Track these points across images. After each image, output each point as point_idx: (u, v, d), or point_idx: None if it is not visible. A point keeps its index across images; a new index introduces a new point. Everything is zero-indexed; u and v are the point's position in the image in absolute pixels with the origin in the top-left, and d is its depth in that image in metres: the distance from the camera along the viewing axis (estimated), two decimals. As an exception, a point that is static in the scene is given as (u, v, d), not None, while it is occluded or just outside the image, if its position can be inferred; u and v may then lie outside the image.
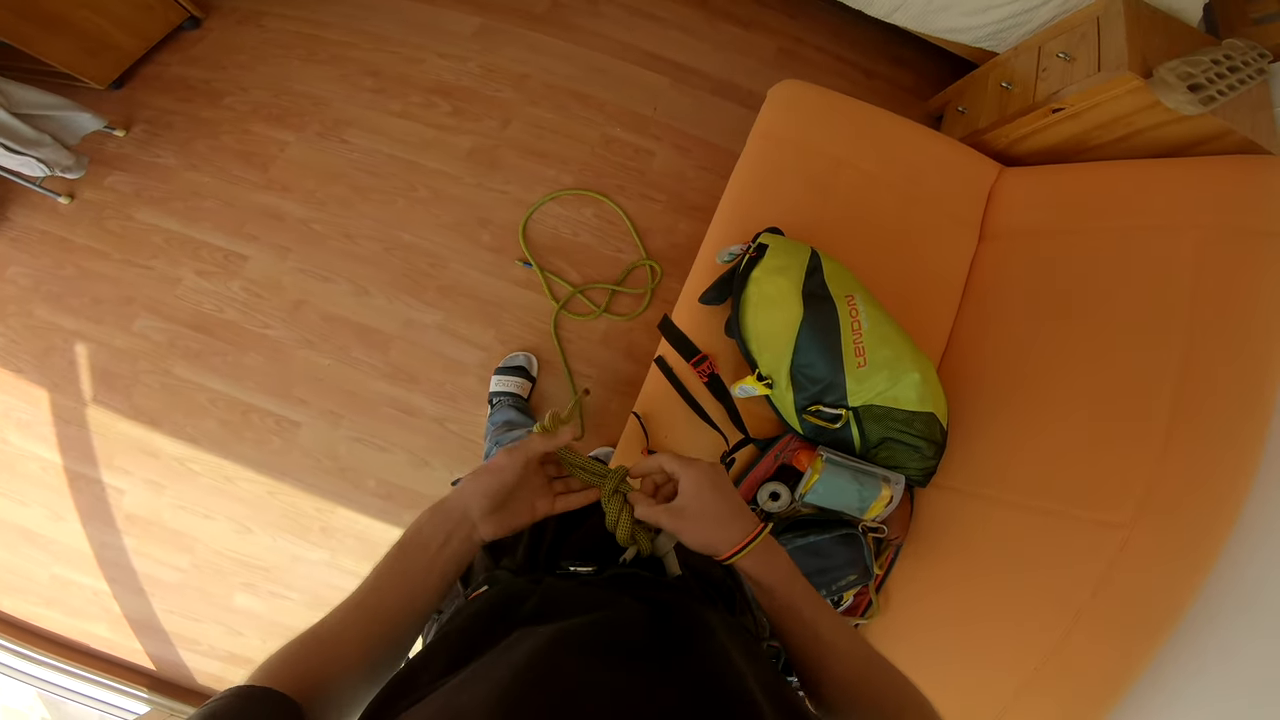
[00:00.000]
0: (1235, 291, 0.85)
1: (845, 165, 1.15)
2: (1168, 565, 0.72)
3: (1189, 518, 0.73)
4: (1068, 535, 0.81)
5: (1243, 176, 0.95)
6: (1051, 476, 0.87)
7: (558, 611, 0.34)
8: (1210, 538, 0.71)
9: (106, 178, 1.59)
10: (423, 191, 1.52)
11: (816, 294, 0.93)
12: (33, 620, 1.39)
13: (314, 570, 1.35)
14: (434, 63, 1.63)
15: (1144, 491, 0.77)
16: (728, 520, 0.42)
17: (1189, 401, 0.79)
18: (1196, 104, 0.98)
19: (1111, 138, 1.16)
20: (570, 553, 0.46)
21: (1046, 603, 0.78)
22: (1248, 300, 0.84)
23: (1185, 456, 0.77)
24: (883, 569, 0.98)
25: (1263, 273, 0.85)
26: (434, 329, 1.42)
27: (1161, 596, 0.71)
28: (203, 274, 1.48)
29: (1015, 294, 1.08)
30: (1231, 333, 0.82)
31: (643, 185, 1.56)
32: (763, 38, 1.71)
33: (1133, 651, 0.70)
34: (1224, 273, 0.87)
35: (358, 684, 0.36)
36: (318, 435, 1.38)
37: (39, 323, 1.47)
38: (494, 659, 0.29)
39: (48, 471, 1.41)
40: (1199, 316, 0.85)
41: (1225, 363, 0.80)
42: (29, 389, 1.44)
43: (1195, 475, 0.75)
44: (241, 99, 1.64)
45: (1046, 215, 1.12)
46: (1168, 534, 0.73)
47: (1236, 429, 0.76)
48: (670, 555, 0.46)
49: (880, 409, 0.92)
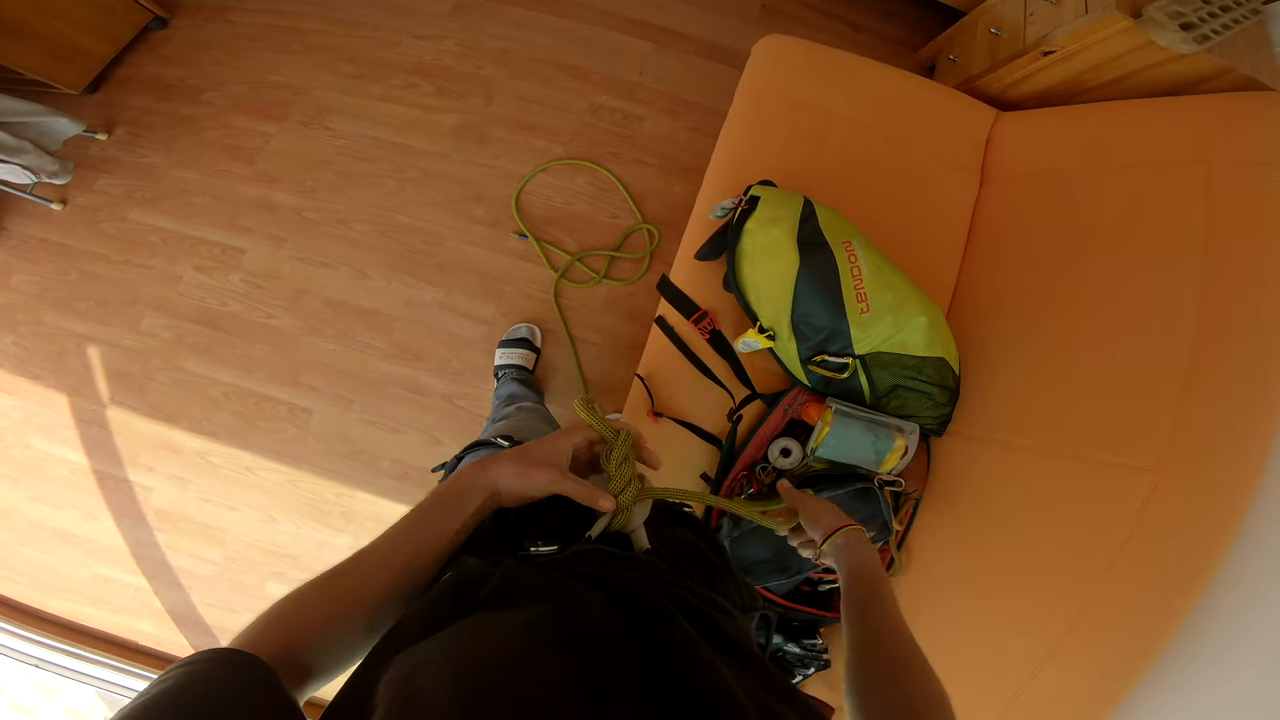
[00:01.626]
0: (1249, 223, 0.82)
1: (836, 117, 1.13)
2: (1200, 509, 0.69)
3: (1219, 458, 0.70)
4: (1092, 481, 0.78)
5: (1247, 111, 0.92)
6: (1071, 420, 0.84)
7: (515, 595, 0.34)
8: (1243, 478, 0.68)
9: (96, 181, 1.59)
10: (412, 172, 1.52)
11: (812, 241, 0.92)
12: (81, 620, 1.45)
13: (339, 555, 1.32)
14: (411, 44, 1.60)
15: (1170, 432, 0.73)
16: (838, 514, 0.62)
17: (1210, 337, 0.76)
18: (1190, 42, 0.95)
19: (1108, 79, 1.14)
20: (533, 533, 0.45)
21: (1074, 556, 0.76)
22: (1263, 232, 0.81)
23: (1211, 394, 0.73)
24: (902, 524, 0.95)
25: (1273, 203, 0.81)
26: (435, 306, 1.44)
27: (1196, 543, 0.68)
28: (202, 269, 1.49)
29: (1022, 236, 1.05)
30: (1249, 266, 0.79)
31: (635, 150, 1.54)
32: None
33: (1171, 603, 0.67)
34: (1236, 205, 0.84)
35: (356, 633, 0.37)
36: (330, 420, 1.40)
37: (49, 329, 1.50)
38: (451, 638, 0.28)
39: (75, 473, 1.45)
40: (1214, 249, 0.82)
41: (1244, 295, 0.78)
42: (48, 394, 1.47)
43: (1222, 414, 0.72)
44: (220, 94, 1.63)
45: (1049, 157, 1.09)
46: (1198, 476, 0.70)
47: (1262, 361, 0.72)
48: (639, 530, 0.45)
49: (888, 355, 0.90)
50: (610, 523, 0.45)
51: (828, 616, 0.95)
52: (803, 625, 0.97)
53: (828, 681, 0.97)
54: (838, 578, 0.56)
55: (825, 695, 0.96)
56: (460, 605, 0.33)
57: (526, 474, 0.44)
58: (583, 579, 0.36)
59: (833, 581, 0.96)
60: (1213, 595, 0.66)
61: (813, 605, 0.95)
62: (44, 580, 1.45)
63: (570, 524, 0.45)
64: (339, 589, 0.38)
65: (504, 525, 0.45)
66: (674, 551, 0.48)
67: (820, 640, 0.95)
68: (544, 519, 0.46)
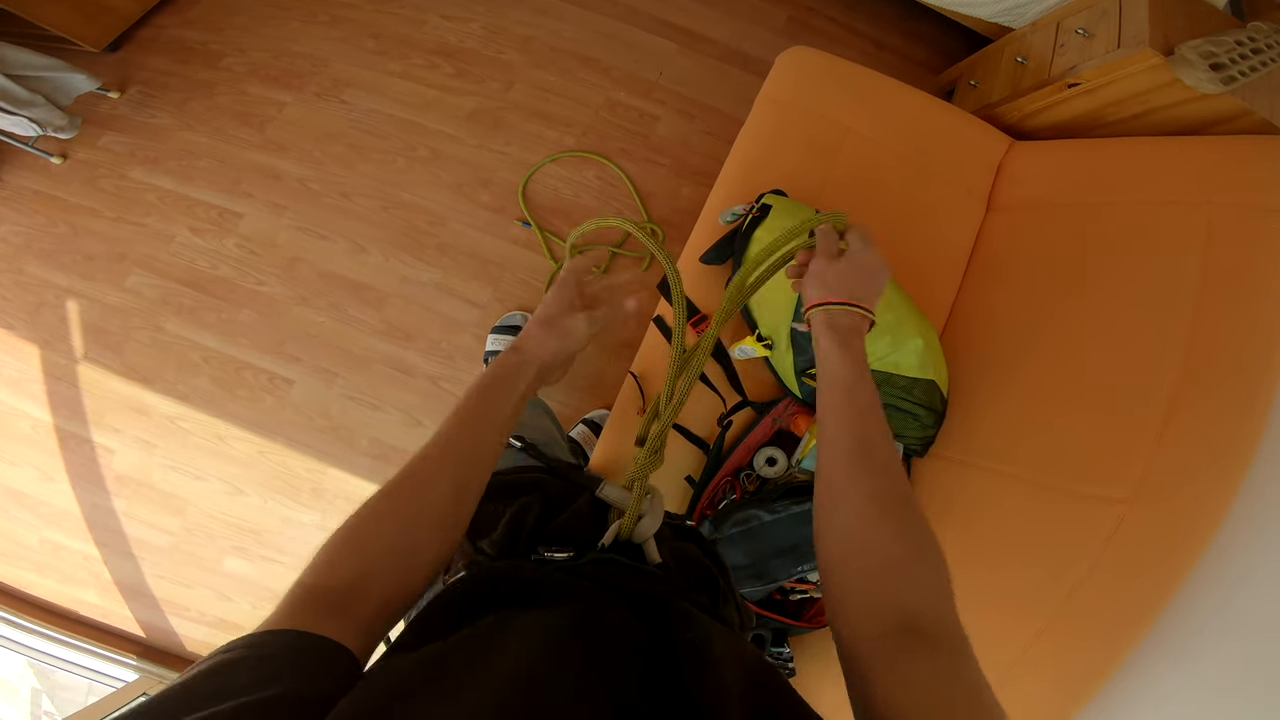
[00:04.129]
0: (1246, 269, 0.83)
1: (852, 132, 1.13)
2: (1162, 545, 0.70)
3: (1186, 497, 0.71)
4: (1064, 510, 0.79)
5: (1259, 155, 0.92)
6: (1050, 448, 0.85)
7: (536, 595, 0.34)
8: (1206, 519, 0.70)
9: (100, 138, 1.56)
10: (423, 151, 1.50)
11: None
12: (23, 587, 1.37)
13: (304, 533, 1.32)
14: (437, 24, 1.60)
15: (1144, 468, 0.75)
16: (872, 287, 0.53)
17: (1192, 379, 0.78)
18: (1218, 82, 0.96)
19: (1126, 115, 1.14)
20: (549, 538, 0.44)
21: (1038, 581, 0.77)
22: (1258, 279, 0.81)
23: (1187, 435, 0.75)
24: None
25: (1274, 249, 0.82)
26: (431, 287, 1.40)
27: (1155, 577, 0.69)
28: (197, 231, 1.45)
29: (1022, 266, 1.06)
30: (1239, 313, 0.80)
31: (646, 149, 1.53)
32: (774, 6, 1.68)
33: (1126, 627, 0.68)
34: (1235, 250, 0.85)
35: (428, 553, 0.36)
36: (310, 393, 1.35)
37: (30, 279, 1.45)
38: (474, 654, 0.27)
39: (38, 430, 1.39)
40: (1207, 294, 0.83)
41: (1231, 344, 0.78)
42: (20, 345, 1.41)
43: (1193, 458, 0.73)
44: (239, 60, 1.62)
45: (1056, 189, 1.10)
46: (1164, 513, 0.72)
47: (1239, 407, 0.74)
48: (650, 542, 0.45)
49: (880, 374, 0.90)
50: (620, 530, 0.45)
51: (796, 625, 0.93)
52: (771, 635, 0.95)
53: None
54: (810, 588, 0.53)
55: None
56: (480, 602, 0.33)
57: (560, 330, 0.46)
58: (602, 584, 0.36)
59: (804, 591, 0.93)
60: (1162, 626, 0.68)
61: (783, 614, 0.94)
62: None
63: (582, 536, 0.46)
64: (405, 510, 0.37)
65: (520, 531, 0.45)
66: (682, 567, 0.47)
67: (788, 649, 0.93)
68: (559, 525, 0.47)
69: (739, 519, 0.88)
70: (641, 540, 0.45)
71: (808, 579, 0.90)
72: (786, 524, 0.86)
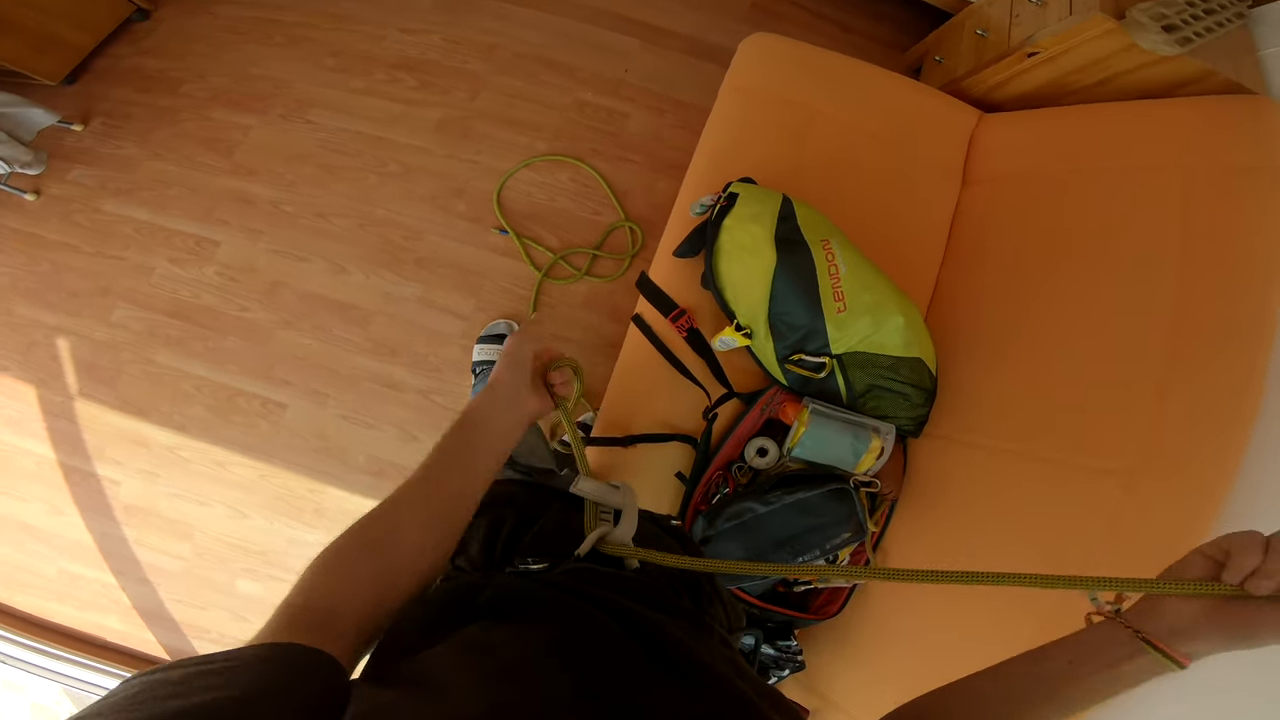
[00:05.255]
0: (1227, 230, 0.82)
1: (820, 115, 1.13)
2: (1172, 514, 0.68)
3: (1192, 463, 0.70)
4: (1067, 484, 0.77)
5: (1227, 115, 0.93)
6: (1047, 422, 0.84)
7: (513, 607, 0.34)
8: (1217, 484, 0.68)
9: (70, 172, 1.56)
10: (393, 166, 1.50)
11: (790, 239, 0.91)
12: (47, 616, 1.41)
13: (311, 552, 1.30)
14: (396, 38, 1.59)
15: (1145, 437, 0.73)
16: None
17: (1185, 345, 0.77)
18: (1173, 44, 0.96)
19: (1090, 81, 1.14)
20: (525, 549, 0.45)
21: (1045, 558, 0.75)
22: (1239, 236, 0.81)
23: (1184, 399, 0.73)
24: (878, 525, 0.95)
25: (1251, 207, 0.82)
26: (413, 302, 1.42)
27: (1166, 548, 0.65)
28: (176, 261, 1.47)
29: (1002, 238, 1.05)
30: (1226, 270, 0.79)
31: (618, 147, 1.54)
32: None
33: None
34: (1213, 211, 0.85)
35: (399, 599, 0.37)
36: (304, 415, 1.38)
37: (19, 320, 1.47)
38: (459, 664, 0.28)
39: (42, 466, 1.42)
40: (1191, 255, 0.82)
41: (1220, 300, 0.78)
42: (15, 385, 1.44)
43: (1195, 419, 0.72)
44: (200, 86, 1.61)
45: (1030, 159, 1.10)
46: (1171, 481, 0.69)
47: (1236, 374, 0.72)
48: (628, 547, 0.46)
49: (864, 355, 0.90)
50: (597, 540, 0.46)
51: (803, 618, 0.93)
52: (778, 627, 0.95)
53: (802, 683, 0.96)
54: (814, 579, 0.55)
55: (800, 697, 0.96)
56: (458, 613, 0.34)
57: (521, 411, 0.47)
58: (576, 595, 0.36)
59: (807, 582, 0.94)
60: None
61: (788, 606, 0.94)
62: (9, 576, 1.42)
63: (560, 543, 0.46)
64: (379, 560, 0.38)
65: (495, 541, 0.46)
66: (663, 571, 0.47)
67: (795, 642, 0.94)
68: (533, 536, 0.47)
69: (733, 513, 0.88)
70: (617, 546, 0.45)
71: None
72: (782, 514, 0.86)
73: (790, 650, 0.93)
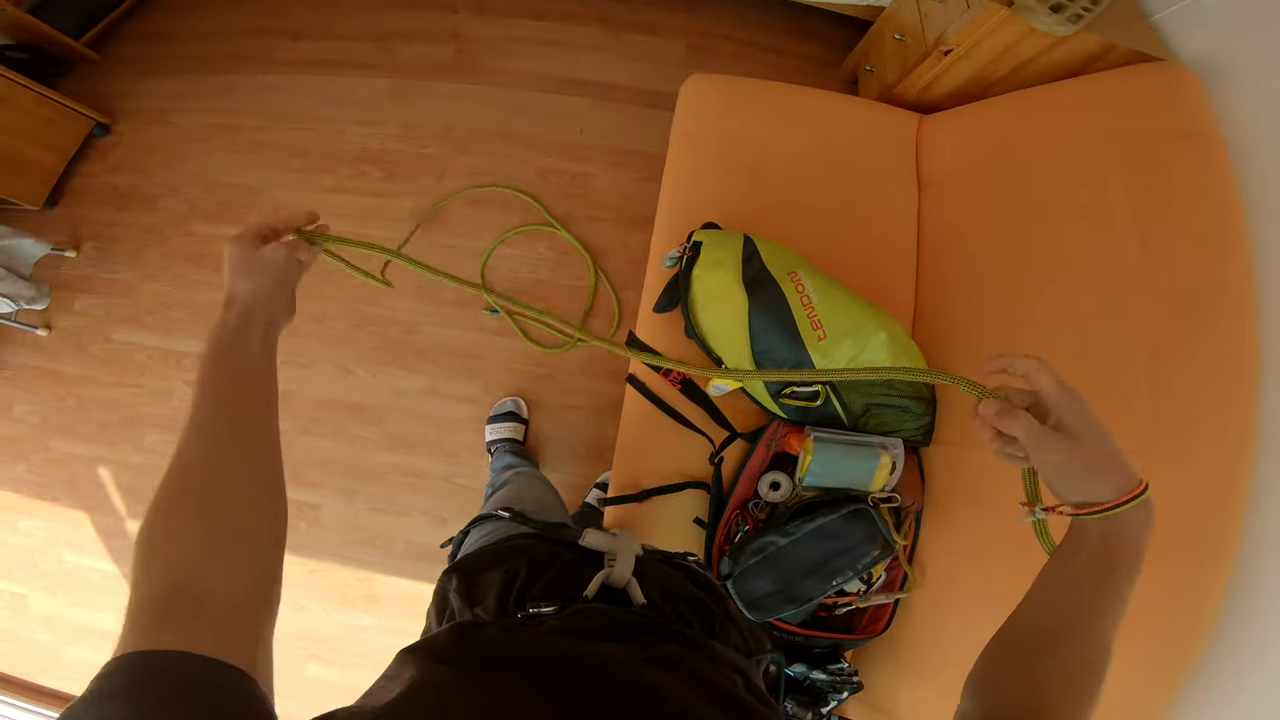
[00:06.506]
0: (1174, 192, 0.85)
1: (769, 147, 1.14)
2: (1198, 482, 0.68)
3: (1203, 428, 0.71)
4: None
5: (1143, 84, 0.96)
6: None
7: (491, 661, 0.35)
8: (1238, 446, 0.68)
9: (74, 302, 1.64)
10: (376, 262, 1.57)
11: (758, 278, 0.93)
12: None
13: (368, 635, 1.47)
14: (354, 132, 1.62)
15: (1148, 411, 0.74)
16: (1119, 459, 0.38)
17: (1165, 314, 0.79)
18: (1065, 23, 1.00)
19: (1006, 70, 1.18)
20: (537, 596, 0.47)
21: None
22: (1189, 199, 0.84)
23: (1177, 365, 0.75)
24: (908, 538, 0.95)
25: (1190, 169, 0.85)
26: (421, 394, 1.51)
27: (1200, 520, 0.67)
28: (191, 383, 1.54)
29: (969, 236, 1.07)
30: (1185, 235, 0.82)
31: (588, 208, 1.59)
32: (670, 39, 1.68)
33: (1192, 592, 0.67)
34: (1155, 176, 0.87)
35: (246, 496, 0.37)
36: (338, 512, 1.50)
37: (57, 455, 1.57)
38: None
39: (108, 580, 1.55)
40: (1147, 226, 0.84)
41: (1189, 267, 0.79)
42: (69, 513, 1.56)
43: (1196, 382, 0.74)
44: (176, 199, 1.65)
45: (974, 154, 1.12)
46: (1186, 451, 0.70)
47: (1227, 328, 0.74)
48: (633, 584, 0.48)
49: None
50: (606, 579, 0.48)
51: (849, 639, 0.94)
52: (825, 652, 0.95)
53: (865, 702, 0.97)
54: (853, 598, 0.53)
55: (866, 717, 0.98)
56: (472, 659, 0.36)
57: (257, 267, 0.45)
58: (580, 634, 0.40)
59: (847, 603, 0.93)
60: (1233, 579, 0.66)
61: (831, 630, 0.95)
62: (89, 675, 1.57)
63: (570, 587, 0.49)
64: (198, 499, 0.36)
65: (510, 592, 0.49)
66: (672, 603, 0.50)
67: (847, 664, 0.93)
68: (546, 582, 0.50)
69: (755, 548, 0.88)
70: (621, 585, 0.48)
71: (846, 590, 0.91)
72: (805, 543, 0.86)
73: (844, 673, 0.92)
